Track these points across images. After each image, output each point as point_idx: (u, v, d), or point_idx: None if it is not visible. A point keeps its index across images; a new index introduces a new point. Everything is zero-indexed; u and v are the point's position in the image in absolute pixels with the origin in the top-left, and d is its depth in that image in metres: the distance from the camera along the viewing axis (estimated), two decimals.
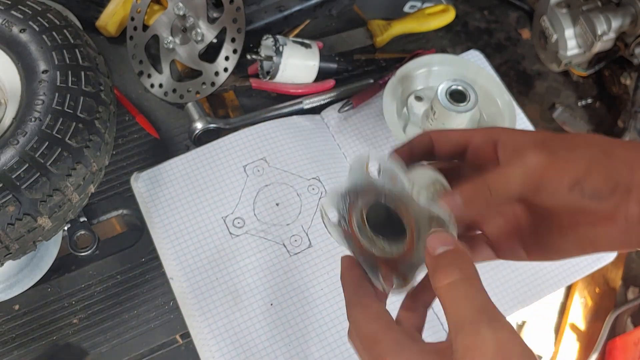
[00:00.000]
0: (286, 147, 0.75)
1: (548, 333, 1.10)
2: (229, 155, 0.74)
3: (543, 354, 1.12)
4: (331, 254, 0.69)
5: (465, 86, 0.72)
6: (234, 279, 0.66)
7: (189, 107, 0.76)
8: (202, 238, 0.69)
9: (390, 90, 0.77)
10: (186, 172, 0.72)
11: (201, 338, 0.64)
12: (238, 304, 0.65)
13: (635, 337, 1.21)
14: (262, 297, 0.66)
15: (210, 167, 0.73)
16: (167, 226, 0.69)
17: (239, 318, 0.65)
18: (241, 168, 0.73)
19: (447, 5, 0.90)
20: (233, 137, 0.75)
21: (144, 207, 0.70)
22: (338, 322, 0.66)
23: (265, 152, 0.74)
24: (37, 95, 0.59)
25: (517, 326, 1.03)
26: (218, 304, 0.65)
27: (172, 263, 0.67)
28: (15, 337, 0.65)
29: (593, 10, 1.15)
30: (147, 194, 0.71)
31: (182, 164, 0.73)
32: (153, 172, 0.72)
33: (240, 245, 0.68)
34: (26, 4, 0.65)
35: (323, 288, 0.67)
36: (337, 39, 0.87)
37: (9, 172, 0.56)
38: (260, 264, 0.67)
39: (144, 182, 0.71)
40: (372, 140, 0.78)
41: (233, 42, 0.76)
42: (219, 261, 0.67)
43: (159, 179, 0.71)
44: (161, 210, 0.70)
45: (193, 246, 0.68)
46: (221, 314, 0.65)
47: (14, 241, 0.57)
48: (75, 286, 0.68)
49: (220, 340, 0.63)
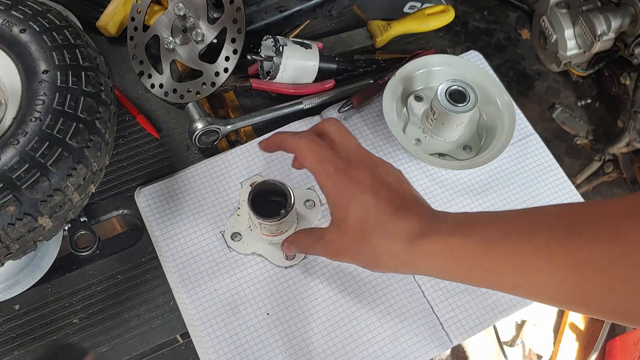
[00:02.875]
0: (282, 160, 0.76)
1: (548, 333, 1.10)
2: (226, 171, 0.75)
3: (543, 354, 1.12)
4: (325, 265, 0.70)
5: (465, 86, 0.72)
6: (232, 290, 0.68)
7: (189, 107, 0.76)
8: (201, 252, 0.70)
9: (390, 91, 0.77)
10: (186, 188, 0.74)
11: (201, 347, 0.66)
12: (236, 314, 0.67)
13: (635, 337, 1.21)
14: (259, 307, 0.68)
15: (208, 184, 0.74)
16: (168, 240, 0.71)
17: (237, 327, 0.66)
18: (238, 185, 0.74)
19: (446, 6, 0.90)
20: (230, 155, 0.76)
21: (146, 221, 0.72)
22: (332, 330, 0.67)
23: (261, 167, 0.76)
24: (38, 96, 0.59)
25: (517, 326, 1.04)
26: (217, 314, 0.67)
27: (173, 275, 0.69)
28: (16, 337, 0.66)
29: (593, 11, 1.15)
30: (148, 209, 0.72)
31: (182, 180, 0.74)
32: (154, 188, 0.74)
33: (237, 258, 0.70)
34: (26, 4, 0.65)
35: (318, 298, 0.68)
36: (337, 39, 0.87)
37: (10, 172, 0.56)
38: (257, 275, 0.69)
39: (145, 197, 0.73)
40: (372, 140, 0.78)
41: (233, 42, 0.76)
42: (217, 273, 0.69)
43: (159, 195, 0.73)
44: (162, 225, 0.72)
45: (193, 259, 0.70)
46: (220, 324, 0.66)
47: (14, 241, 0.57)
48: (75, 286, 0.68)
49: (219, 348, 0.65)
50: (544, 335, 1.38)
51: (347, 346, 0.66)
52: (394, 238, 0.53)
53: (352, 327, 0.67)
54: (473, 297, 0.70)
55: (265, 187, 0.65)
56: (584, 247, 0.43)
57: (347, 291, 0.69)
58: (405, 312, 0.68)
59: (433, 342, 0.67)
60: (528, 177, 0.79)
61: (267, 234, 0.67)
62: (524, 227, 0.48)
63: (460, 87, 0.72)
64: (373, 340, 0.66)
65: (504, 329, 1.40)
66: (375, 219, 0.54)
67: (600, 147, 1.23)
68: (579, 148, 1.32)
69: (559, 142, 1.41)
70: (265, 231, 0.67)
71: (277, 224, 0.65)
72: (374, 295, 0.68)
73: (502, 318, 0.70)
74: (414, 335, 0.67)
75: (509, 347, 1.37)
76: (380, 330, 0.67)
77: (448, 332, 0.68)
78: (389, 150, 0.78)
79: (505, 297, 0.70)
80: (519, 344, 1.37)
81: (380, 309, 0.68)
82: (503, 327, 1.40)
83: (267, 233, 0.67)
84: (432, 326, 0.68)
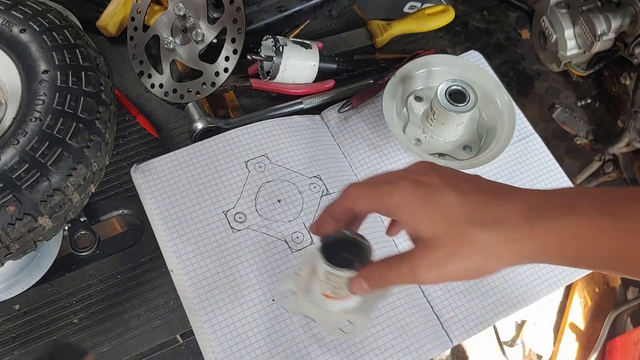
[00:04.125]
0: (287, 145, 0.75)
1: (548, 333, 1.10)
2: (231, 150, 0.74)
3: (543, 354, 1.12)
4: None
5: (465, 86, 0.72)
6: (235, 274, 0.66)
7: (189, 107, 0.76)
8: (202, 232, 0.68)
9: (390, 91, 0.77)
10: (187, 165, 0.72)
11: (202, 332, 0.64)
12: (239, 299, 0.65)
13: (635, 337, 1.21)
14: (264, 292, 0.66)
15: (211, 161, 0.73)
16: (167, 218, 0.69)
17: (239, 313, 0.65)
18: (243, 164, 0.73)
19: (446, 6, 0.90)
20: (235, 133, 0.75)
21: (144, 199, 0.70)
22: None
23: (267, 149, 0.74)
24: (38, 95, 0.59)
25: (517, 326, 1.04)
26: (219, 298, 0.65)
27: (172, 256, 0.67)
28: (16, 337, 0.65)
29: (593, 11, 1.15)
30: (147, 185, 0.70)
31: (183, 157, 0.72)
32: (153, 164, 0.72)
33: (241, 240, 0.68)
34: (26, 4, 0.65)
35: None
36: (337, 39, 0.87)
37: (10, 172, 0.56)
38: (262, 260, 0.67)
39: (144, 173, 0.71)
40: (372, 140, 0.78)
41: (233, 42, 0.76)
42: (219, 255, 0.67)
43: (158, 171, 0.71)
44: (160, 202, 0.70)
45: (193, 239, 0.68)
46: (222, 309, 0.65)
47: (14, 241, 0.57)
48: (75, 286, 0.68)
49: (220, 335, 0.63)
50: (544, 335, 1.38)
51: (348, 341, 0.65)
52: (501, 224, 0.44)
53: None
54: (473, 297, 0.70)
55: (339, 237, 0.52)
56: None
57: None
58: (405, 312, 0.68)
59: (433, 342, 0.67)
60: (528, 177, 0.79)
61: (329, 294, 0.54)
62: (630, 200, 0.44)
63: (460, 87, 0.72)
64: (375, 337, 0.66)
65: (504, 329, 1.40)
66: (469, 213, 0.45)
67: (600, 147, 1.24)
68: (579, 148, 1.32)
69: (559, 142, 1.41)
70: (329, 290, 0.54)
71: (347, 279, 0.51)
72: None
73: (502, 318, 0.70)
74: (414, 335, 0.67)
75: (509, 347, 1.37)
76: (382, 327, 0.67)
77: (448, 332, 0.68)
78: (389, 150, 0.78)
79: (505, 296, 0.70)
80: (519, 344, 1.38)
81: (381, 308, 0.67)
82: (503, 327, 1.40)
83: (330, 293, 0.54)
84: (432, 326, 0.68)
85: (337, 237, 0.52)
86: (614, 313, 1.29)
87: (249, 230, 0.69)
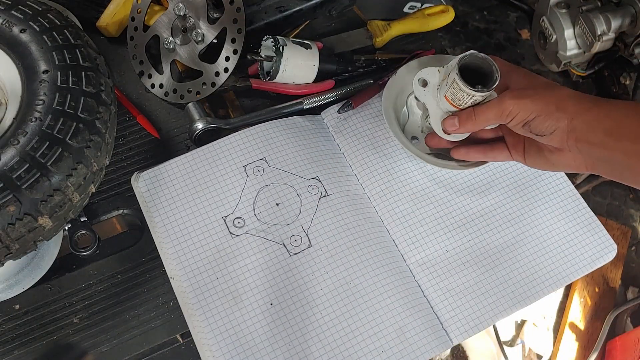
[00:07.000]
0: (286, 147, 0.75)
1: (548, 333, 1.10)
2: (229, 155, 0.74)
3: (543, 354, 1.12)
4: (331, 254, 0.69)
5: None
6: (234, 279, 0.67)
7: (190, 107, 0.76)
8: (202, 238, 0.69)
9: (390, 90, 0.77)
10: (186, 172, 0.72)
11: (201, 337, 0.64)
12: (238, 304, 0.66)
13: (635, 337, 1.21)
14: (262, 296, 0.66)
15: (210, 167, 0.73)
16: (168, 226, 0.69)
17: (239, 317, 0.65)
18: (241, 168, 0.73)
19: (446, 6, 0.90)
20: (233, 138, 0.75)
21: (145, 207, 0.71)
22: (337, 322, 0.66)
23: (265, 152, 0.74)
24: (38, 96, 0.59)
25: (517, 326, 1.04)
26: (218, 303, 0.65)
27: (172, 263, 0.68)
28: (16, 337, 0.66)
29: (593, 11, 1.15)
30: (148, 194, 0.71)
31: (183, 164, 0.73)
32: (154, 172, 0.72)
33: (240, 245, 0.69)
34: (27, 4, 0.65)
35: (323, 288, 0.67)
36: (337, 39, 0.87)
37: (10, 172, 0.56)
38: (260, 264, 0.68)
39: (145, 182, 0.72)
40: (372, 140, 0.78)
41: (233, 42, 0.76)
42: (219, 261, 0.68)
43: (159, 179, 0.72)
44: (161, 210, 0.70)
45: (193, 246, 0.68)
46: (221, 314, 0.65)
47: (14, 241, 0.57)
48: (75, 286, 0.68)
49: (220, 339, 0.64)
50: (544, 335, 1.38)
51: (347, 342, 0.65)
52: (574, 93, 0.62)
53: (353, 322, 0.66)
54: (473, 297, 0.70)
55: (471, 62, 0.66)
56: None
57: (349, 286, 0.68)
58: (405, 312, 0.68)
59: (433, 341, 0.67)
60: (528, 177, 0.79)
61: (452, 102, 0.67)
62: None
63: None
64: (375, 337, 0.66)
65: (504, 329, 1.41)
66: (546, 83, 0.64)
67: None
68: None
69: None
70: (449, 94, 0.67)
71: (482, 97, 0.65)
72: (375, 292, 0.68)
73: (502, 318, 0.70)
74: (414, 334, 0.67)
75: (509, 347, 1.38)
76: (382, 327, 0.67)
77: (448, 331, 0.68)
78: (389, 150, 0.78)
79: (505, 296, 0.71)
80: (519, 344, 1.38)
81: (381, 308, 0.68)
82: (503, 327, 1.40)
83: (452, 101, 0.67)
84: (432, 326, 0.68)
85: (474, 64, 0.65)
86: (613, 313, 1.29)
87: (248, 235, 0.69)
